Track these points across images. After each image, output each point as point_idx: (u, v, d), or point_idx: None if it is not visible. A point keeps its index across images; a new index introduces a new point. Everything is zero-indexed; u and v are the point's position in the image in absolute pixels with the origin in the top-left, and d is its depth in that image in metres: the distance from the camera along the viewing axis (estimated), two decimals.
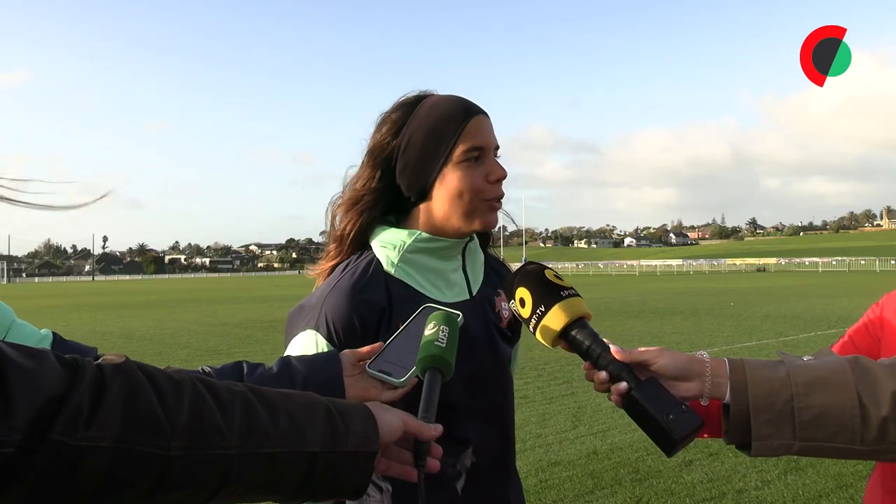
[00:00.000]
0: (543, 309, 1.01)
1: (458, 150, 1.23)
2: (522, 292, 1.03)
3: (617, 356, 0.98)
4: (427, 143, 1.24)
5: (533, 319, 1.02)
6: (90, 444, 0.63)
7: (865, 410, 0.89)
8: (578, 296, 1.03)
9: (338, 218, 1.32)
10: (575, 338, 1.01)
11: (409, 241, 1.26)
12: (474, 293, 1.34)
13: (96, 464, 0.63)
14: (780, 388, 0.91)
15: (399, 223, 1.31)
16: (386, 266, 1.26)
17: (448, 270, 1.31)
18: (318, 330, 1.19)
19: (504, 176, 1.26)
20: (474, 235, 1.35)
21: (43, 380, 0.62)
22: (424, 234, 1.27)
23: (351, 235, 1.30)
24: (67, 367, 0.65)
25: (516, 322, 1.38)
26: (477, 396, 1.27)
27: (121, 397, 0.66)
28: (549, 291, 1.01)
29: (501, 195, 1.28)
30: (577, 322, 1.01)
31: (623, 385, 0.96)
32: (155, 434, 0.66)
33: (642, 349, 0.99)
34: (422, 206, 1.28)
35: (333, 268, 1.32)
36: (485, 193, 1.25)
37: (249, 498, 0.76)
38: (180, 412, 0.69)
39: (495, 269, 1.45)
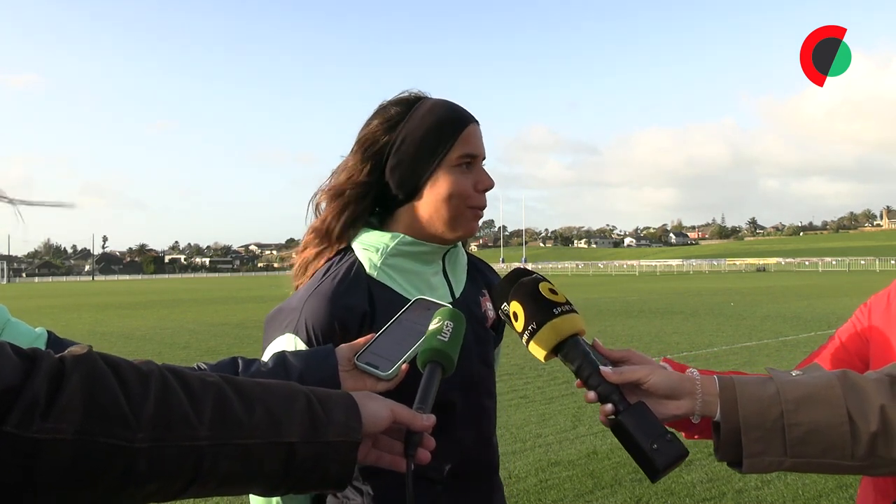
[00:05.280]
0: (535, 326, 0.99)
1: (454, 154, 1.24)
2: (515, 306, 1.02)
3: (607, 377, 0.97)
4: (424, 143, 1.23)
5: (525, 335, 1.01)
6: (48, 437, 0.61)
7: (855, 426, 0.89)
8: (573, 311, 1.01)
9: (321, 206, 1.31)
10: (566, 355, 1.00)
11: (391, 244, 1.25)
12: (458, 295, 1.33)
13: (56, 456, 0.62)
14: (769, 405, 0.91)
15: (382, 224, 1.30)
16: (368, 269, 1.25)
17: (428, 274, 1.30)
18: (297, 334, 1.17)
19: (491, 186, 1.27)
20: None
21: None
22: (407, 238, 1.26)
23: (335, 229, 1.27)
24: (24, 359, 0.64)
25: (499, 323, 1.37)
26: (465, 398, 1.26)
27: (81, 388, 0.64)
28: (541, 308, 1.00)
29: (485, 205, 1.29)
30: (569, 340, 1.00)
31: (609, 407, 0.96)
32: (119, 425, 0.65)
33: (633, 367, 0.98)
34: (407, 207, 1.27)
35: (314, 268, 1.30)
36: (470, 200, 1.25)
37: (229, 490, 0.75)
38: (146, 403, 0.67)
39: (478, 268, 1.45)
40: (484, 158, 1.29)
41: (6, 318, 1.07)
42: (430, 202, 1.24)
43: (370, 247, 1.26)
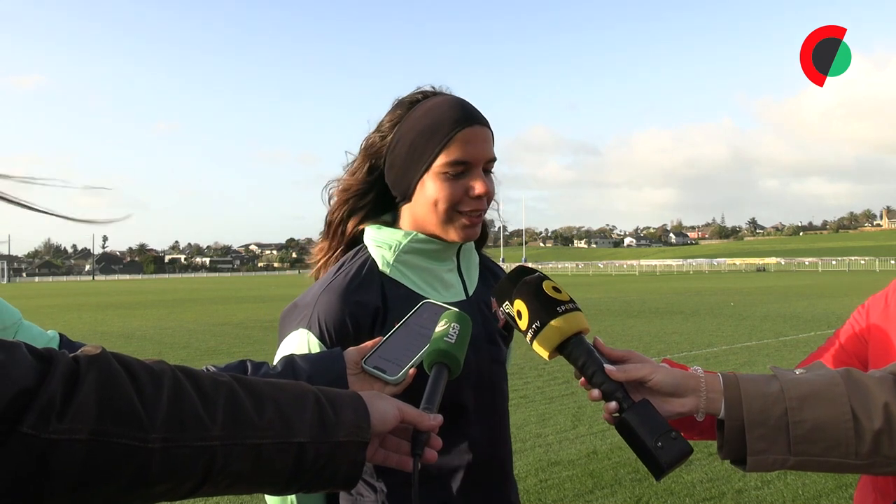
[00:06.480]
0: (539, 325, 0.99)
1: (440, 161, 1.20)
2: (519, 305, 1.02)
3: (611, 375, 0.97)
4: (412, 148, 1.22)
5: (529, 333, 1.01)
6: (63, 437, 0.61)
7: (859, 423, 0.89)
8: (577, 310, 1.01)
9: (331, 202, 1.33)
10: (570, 353, 1.00)
11: (404, 242, 1.25)
12: (470, 294, 1.33)
13: (71, 457, 0.62)
14: (773, 402, 0.91)
15: (395, 222, 1.31)
16: (381, 266, 1.25)
17: (442, 271, 1.30)
18: (310, 329, 1.18)
19: (485, 192, 1.21)
20: None
21: (13, 372, 0.61)
22: (420, 235, 1.25)
23: (336, 222, 1.31)
24: (40, 359, 0.64)
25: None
26: (478, 398, 1.26)
27: (96, 389, 0.64)
28: (545, 306, 1.00)
29: (482, 210, 1.24)
30: (573, 338, 1.00)
31: (613, 405, 0.96)
32: (132, 426, 0.65)
33: (637, 365, 0.98)
34: (406, 207, 1.27)
35: (328, 263, 1.32)
36: (462, 206, 1.22)
37: (239, 489, 0.75)
38: (159, 403, 0.68)
39: (490, 268, 1.44)
40: (488, 161, 1.23)
41: (18, 320, 1.06)
42: (421, 205, 1.24)
43: (383, 244, 1.26)
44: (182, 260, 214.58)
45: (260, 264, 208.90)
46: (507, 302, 1.05)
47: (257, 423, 0.73)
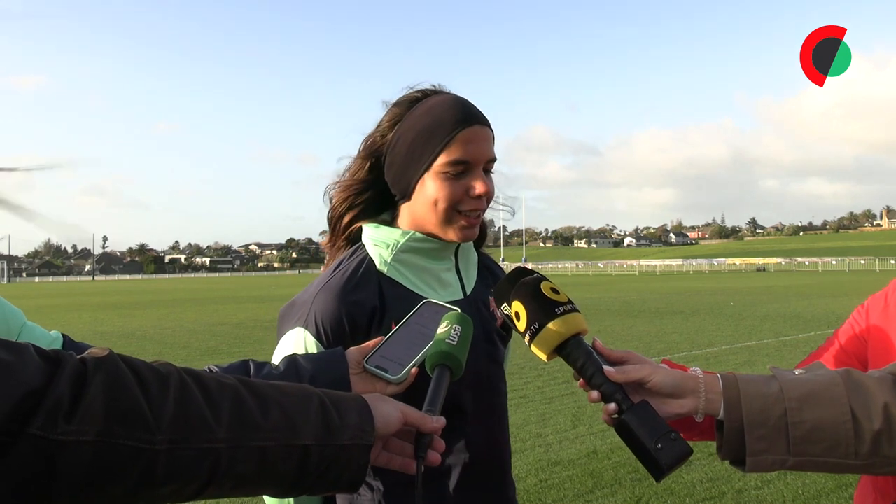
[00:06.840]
0: (537, 326, 0.99)
1: (441, 161, 1.19)
2: (517, 306, 1.02)
3: (610, 376, 0.97)
4: (413, 147, 1.22)
5: (527, 335, 1.01)
6: (71, 439, 0.62)
7: (858, 424, 0.89)
8: (575, 311, 1.00)
9: (332, 201, 1.33)
10: (569, 355, 1.00)
11: (402, 241, 1.25)
12: (468, 293, 1.33)
13: (78, 458, 0.62)
14: (773, 403, 0.91)
15: (393, 221, 1.31)
16: (379, 265, 1.25)
17: (440, 270, 1.30)
18: (306, 328, 1.18)
19: (485, 192, 1.21)
20: None
21: (22, 373, 0.61)
22: (418, 234, 1.25)
23: (336, 220, 1.32)
24: (48, 361, 0.64)
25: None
26: (475, 397, 1.26)
27: (103, 391, 0.65)
28: (543, 308, 1.00)
29: (481, 209, 1.24)
30: (572, 339, 1.00)
31: (612, 406, 0.96)
32: (139, 427, 0.65)
33: (636, 366, 0.98)
34: (405, 206, 1.27)
35: (332, 258, 1.33)
36: (462, 205, 1.22)
37: (243, 491, 0.75)
38: (165, 405, 0.68)
39: (489, 267, 1.44)
40: (489, 161, 1.23)
41: (22, 321, 1.06)
42: (421, 204, 1.24)
43: (381, 243, 1.26)
44: (182, 260, 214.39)
45: (260, 264, 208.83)
46: (504, 303, 1.05)
47: (262, 426, 0.74)
